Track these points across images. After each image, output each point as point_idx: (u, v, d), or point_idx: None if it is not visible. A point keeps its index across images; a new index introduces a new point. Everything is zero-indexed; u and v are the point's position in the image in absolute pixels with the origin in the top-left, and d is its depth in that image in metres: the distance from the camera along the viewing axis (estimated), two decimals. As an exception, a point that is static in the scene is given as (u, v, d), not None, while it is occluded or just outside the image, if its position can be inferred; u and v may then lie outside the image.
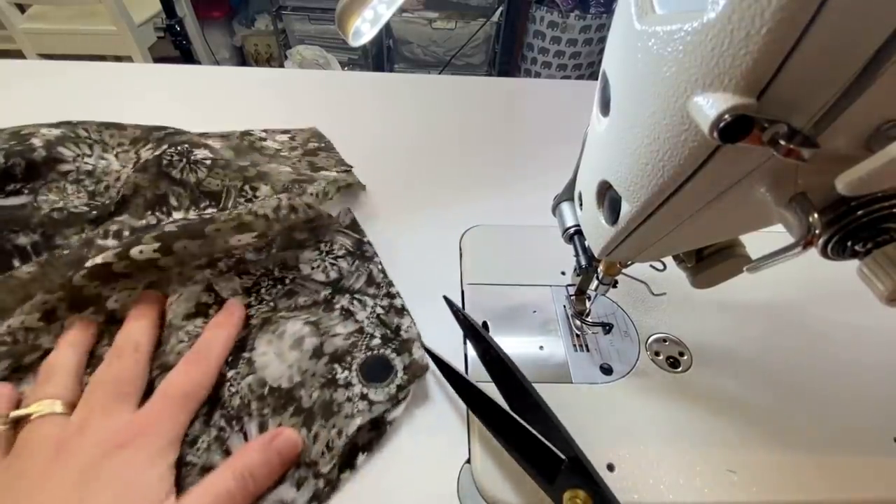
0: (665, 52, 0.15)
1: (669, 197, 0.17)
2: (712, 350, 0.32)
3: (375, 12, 0.28)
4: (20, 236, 0.33)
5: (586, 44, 1.73)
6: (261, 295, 0.32)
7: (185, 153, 0.38)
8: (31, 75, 0.56)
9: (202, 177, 0.38)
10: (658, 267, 0.28)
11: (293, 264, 0.34)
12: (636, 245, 0.22)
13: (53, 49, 1.41)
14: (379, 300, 0.33)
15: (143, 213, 0.36)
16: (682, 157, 0.16)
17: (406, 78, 0.62)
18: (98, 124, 0.42)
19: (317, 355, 0.29)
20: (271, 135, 0.48)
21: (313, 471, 0.25)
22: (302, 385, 0.27)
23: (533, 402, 0.25)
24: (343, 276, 0.34)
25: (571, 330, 0.32)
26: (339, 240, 0.37)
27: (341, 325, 0.31)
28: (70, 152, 0.39)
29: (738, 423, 0.28)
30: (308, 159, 0.46)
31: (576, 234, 0.28)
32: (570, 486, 0.22)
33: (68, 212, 0.36)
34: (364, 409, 0.27)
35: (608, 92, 0.20)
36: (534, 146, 0.51)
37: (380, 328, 0.31)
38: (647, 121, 0.17)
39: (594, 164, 0.22)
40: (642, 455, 0.27)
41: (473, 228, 0.40)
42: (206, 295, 0.31)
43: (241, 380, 0.27)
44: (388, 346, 0.30)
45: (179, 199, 0.37)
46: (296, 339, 0.29)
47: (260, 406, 0.27)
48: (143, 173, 0.37)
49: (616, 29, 0.20)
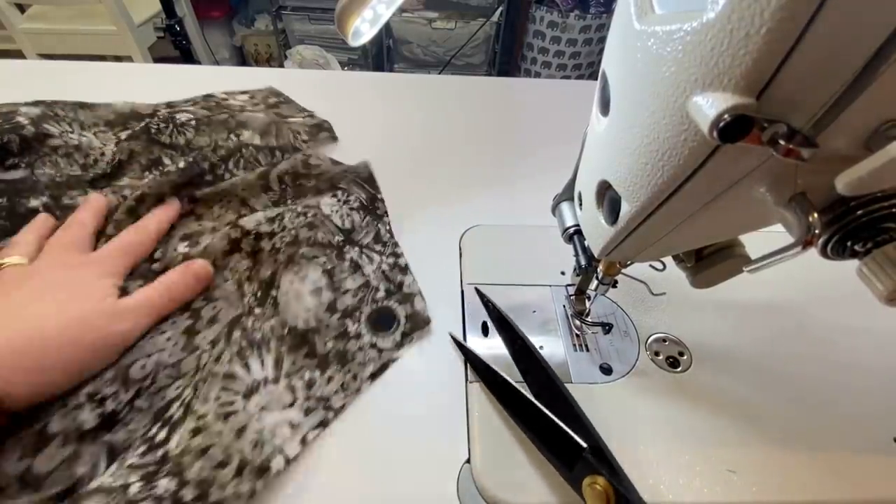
0: (664, 51, 0.15)
1: (669, 197, 0.17)
2: (712, 350, 0.32)
3: (375, 12, 0.28)
4: (31, 199, 0.36)
5: (586, 44, 1.73)
6: (283, 222, 0.35)
7: (169, 119, 0.43)
8: (31, 75, 0.56)
9: (191, 136, 0.43)
10: (657, 267, 0.28)
11: (314, 204, 0.37)
12: (636, 245, 0.22)
13: (53, 49, 1.41)
14: (385, 257, 0.36)
15: (141, 174, 0.40)
16: (681, 156, 0.16)
17: (406, 78, 0.62)
18: (71, 104, 0.45)
19: (331, 310, 0.31)
20: (231, 95, 0.52)
21: (324, 404, 0.28)
22: (317, 331, 0.30)
23: (558, 391, 0.26)
24: (354, 228, 0.37)
25: (571, 330, 0.32)
26: (354, 190, 0.39)
27: (350, 280, 0.33)
28: (55, 129, 0.41)
29: (738, 423, 0.28)
30: (273, 111, 0.49)
31: (575, 233, 0.28)
32: (590, 472, 0.23)
33: (68, 175, 0.39)
34: (374, 356, 0.30)
35: (608, 92, 0.20)
36: (533, 146, 0.51)
37: (384, 282, 0.34)
38: (647, 121, 0.17)
39: (594, 163, 0.22)
40: (642, 455, 0.27)
41: (473, 228, 0.40)
42: (233, 231, 0.34)
43: (265, 321, 0.30)
44: (391, 298, 0.33)
45: (173, 158, 0.41)
46: (315, 288, 0.32)
47: (278, 344, 0.29)
48: (135, 140, 0.41)
49: (615, 29, 0.20)
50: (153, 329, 0.29)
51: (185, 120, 0.43)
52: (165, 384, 0.27)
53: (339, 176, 0.40)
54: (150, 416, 0.26)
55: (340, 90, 0.58)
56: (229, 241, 0.33)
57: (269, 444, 0.25)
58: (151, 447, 0.24)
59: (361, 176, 0.41)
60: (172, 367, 0.28)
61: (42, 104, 0.43)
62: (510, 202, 0.43)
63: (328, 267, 0.33)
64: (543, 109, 0.57)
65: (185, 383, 0.27)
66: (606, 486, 0.23)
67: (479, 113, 0.56)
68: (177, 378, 0.28)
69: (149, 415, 0.26)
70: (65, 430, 0.24)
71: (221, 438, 0.24)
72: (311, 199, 0.37)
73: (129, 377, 0.27)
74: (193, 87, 0.53)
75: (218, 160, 0.40)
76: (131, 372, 0.27)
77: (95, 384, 0.26)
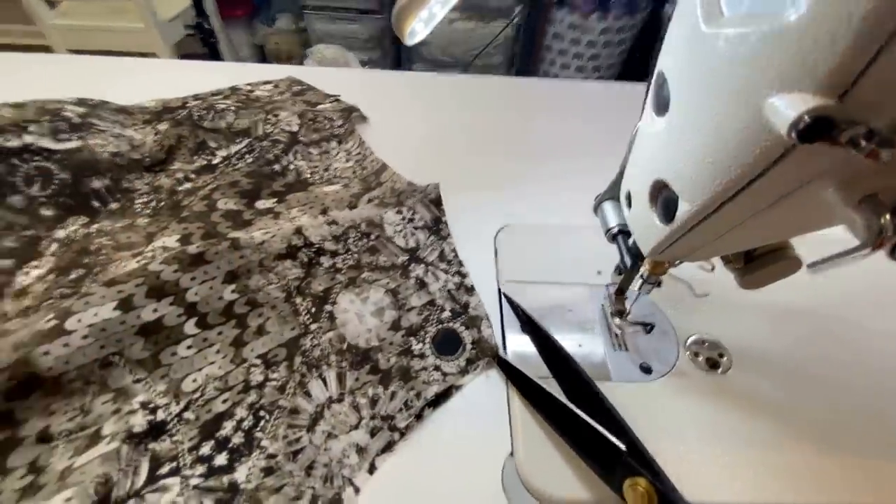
0: (736, 53, 0.16)
1: (733, 196, 0.18)
2: (752, 353, 0.32)
3: (430, 12, 0.28)
4: (94, 180, 0.39)
5: (606, 46, 1.72)
6: (348, 244, 0.35)
7: (210, 107, 0.46)
8: (60, 68, 0.58)
9: (231, 120, 0.46)
10: (706, 267, 0.28)
11: (378, 222, 0.36)
12: (689, 245, 0.22)
13: (81, 45, 1.44)
14: (450, 276, 0.35)
15: (190, 157, 0.43)
16: (752, 156, 0.16)
17: (431, 77, 0.62)
18: (111, 109, 0.46)
19: (395, 328, 0.31)
20: (256, 86, 0.54)
21: (388, 424, 0.28)
22: (379, 350, 0.30)
23: (590, 391, 0.26)
24: (419, 247, 0.37)
25: (609, 329, 0.33)
26: (420, 210, 0.39)
27: (416, 297, 0.33)
28: (100, 123, 0.43)
29: (778, 426, 0.28)
30: (300, 98, 0.52)
31: (619, 233, 0.28)
32: (630, 474, 0.23)
33: (129, 158, 0.41)
34: (438, 378, 0.30)
35: (665, 92, 0.21)
36: (560, 147, 0.51)
37: (450, 302, 0.33)
38: (714, 120, 0.17)
39: (647, 163, 0.22)
40: (684, 455, 0.27)
41: (507, 227, 0.40)
42: (296, 237, 0.33)
43: (322, 334, 0.30)
44: (457, 320, 0.32)
45: (217, 141, 0.44)
46: (378, 308, 0.32)
47: (339, 359, 0.29)
48: (181, 126, 0.44)
49: (677, 30, 0.20)
50: (202, 342, 0.29)
51: (224, 107, 0.47)
52: (212, 396, 0.28)
53: (407, 193, 0.40)
54: (197, 430, 0.26)
55: (366, 88, 0.58)
56: (289, 246, 0.33)
57: (338, 477, 0.26)
58: (212, 470, 0.25)
59: (429, 196, 0.40)
60: (220, 380, 0.28)
61: (85, 104, 0.45)
62: (542, 201, 0.43)
63: (391, 287, 0.33)
64: (576, 111, 0.57)
65: (234, 398, 0.28)
66: (648, 488, 0.23)
67: (507, 112, 0.56)
68: (224, 390, 0.28)
69: (195, 427, 0.27)
70: (115, 433, 0.25)
71: (293, 478, 0.25)
72: (374, 212, 0.37)
73: (181, 390, 0.27)
74: (219, 82, 0.55)
75: (280, 152, 0.42)
76: (183, 386, 0.28)
77: (148, 395, 0.27)
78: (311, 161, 0.44)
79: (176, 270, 0.29)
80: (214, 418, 0.27)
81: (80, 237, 0.36)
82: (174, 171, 0.41)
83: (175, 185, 0.41)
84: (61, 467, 0.24)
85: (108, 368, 0.27)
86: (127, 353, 0.27)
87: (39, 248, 0.35)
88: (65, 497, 0.23)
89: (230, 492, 0.24)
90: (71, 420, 0.25)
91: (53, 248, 0.35)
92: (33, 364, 0.25)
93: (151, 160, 0.42)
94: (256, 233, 0.33)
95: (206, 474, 0.25)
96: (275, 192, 0.40)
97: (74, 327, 0.26)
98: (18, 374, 0.24)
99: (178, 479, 0.24)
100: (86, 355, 0.26)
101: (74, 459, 0.24)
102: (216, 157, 0.44)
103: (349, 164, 0.45)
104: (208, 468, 0.25)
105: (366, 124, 0.51)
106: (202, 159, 0.43)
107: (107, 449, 0.25)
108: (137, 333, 0.27)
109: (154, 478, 0.24)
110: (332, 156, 0.45)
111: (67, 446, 0.25)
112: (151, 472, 0.25)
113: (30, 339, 0.25)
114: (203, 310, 0.29)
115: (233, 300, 0.30)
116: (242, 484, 0.25)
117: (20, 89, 0.44)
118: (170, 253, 0.30)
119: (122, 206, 0.39)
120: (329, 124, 0.48)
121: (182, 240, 0.34)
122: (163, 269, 0.29)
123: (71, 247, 0.35)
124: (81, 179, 0.38)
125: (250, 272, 0.31)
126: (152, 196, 0.40)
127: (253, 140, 0.45)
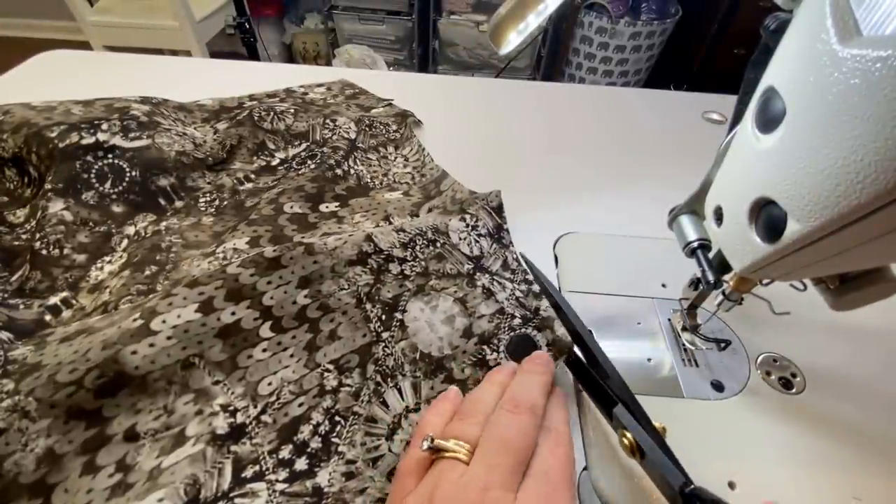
0: (878, 74, 0.15)
1: (860, 219, 0.17)
2: (825, 373, 0.31)
3: (526, 23, 0.28)
4: (160, 178, 0.39)
5: (635, 51, 1.71)
6: (416, 251, 0.34)
7: (270, 108, 0.47)
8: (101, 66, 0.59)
9: (290, 122, 0.47)
10: (799, 287, 0.28)
11: (443, 230, 0.36)
12: (791, 264, 0.22)
13: (118, 42, 1.47)
14: (517, 284, 0.35)
15: (250, 158, 0.44)
16: (884, 183, 0.16)
17: (467, 81, 0.62)
18: (172, 107, 0.47)
19: (466, 335, 0.31)
20: (309, 88, 0.55)
21: None
22: (453, 358, 0.30)
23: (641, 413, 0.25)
24: (483, 255, 0.36)
25: (679, 343, 0.32)
26: (483, 217, 0.38)
27: (484, 305, 0.33)
28: (164, 121, 0.44)
29: (859, 450, 0.28)
30: (353, 102, 0.53)
31: (699, 247, 0.28)
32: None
33: (193, 157, 0.42)
34: None
35: (774, 109, 0.20)
36: (628, 156, 0.50)
37: (519, 309, 0.33)
38: (847, 142, 0.17)
39: (749, 180, 0.22)
40: (761, 475, 0.27)
41: (567, 235, 0.40)
42: (366, 244, 0.33)
43: (394, 343, 0.30)
44: (529, 325, 0.32)
45: (276, 142, 0.46)
46: (448, 316, 0.32)
47: (412, 368, 0.29)
48: (242, 126, 0.45)
49: (795, 46, 0.19)
50: (276, 346, 0.29)
51: (283, 109, 0.47)
52: (288, 400, 0.28)
53: (469, 200, 0.40)
54: (275, 433, 0.27)
55: (402, 90, 0.58)
56: (359, 252, 0.32)
57: None
58: (295, 475, 0.25)
59: (491, 204, 0.40)
60: (294, 384, 0.28)
61: (149, 102, 0.45)
62: (603, 210, 0.43)
63: (459, 295, 0.33)
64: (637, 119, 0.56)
65: (309, 403, 0.28)
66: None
67: (566, 119, 0.56)
68: (298, 395, 0.28)
69: (273, 430, 0.27)
70: (199, 434, 0.26)
71: (374, 483, 0.25)
72: (439, 220, 0.36)
73: (257, 393, 0.28)
74: (253, 82, 0.56)
75: (340, 158, 0.42)
76: (259, 388, 0.28)
77: (227, 397, 0.27)
78: (370, 166, 0.45)
79: (253, 274, 0.29)
80: (291, 422, 0.27)
81: (149, 234, 0.36)
82: (235, 170, 0.41)
83: (236, 184, 0.41)
84: (149, 467, 0.24)
85: (188, 370, 0.27)
86: (206, 355, 0.27)
87: (111, 244, 0.36)
88: (157, 497, 0.23)
89: (315, 496, 0.24)
90: (156, 419, 0.26)
91: (124, 244, 0.36)
92: (122, 362, 0.25)
93: (213, 159, 0.42)
94: (329, 238, 0.32)
95: (290, 479, 0.25)
96: (337, 195, 0.40)
97: (160, 328, 0.26)
98: (108, 372, 0.25)
99: (265, 483, 0.25)
100: (169, 356, 0.26)
101: (162, 459, 0.25)
102: (275, 159, 0.44)
103: (407, 169, 0.45)
104: (290, 472, 0.25)
105: (418, 129, 0.51)
106: (261, 160, 0.44)
107: (193, 450, 0.25)
108: (217, 336, 0.28)
109: (240, 480, 0.25)
110: (391, 161, 0.46)
111: (154, 445, 0.25)
112: (235, 474, 0.25)
113: (118, 337, 0.26)
114: (278, 314, 0.29)
115: (305, 304, 0.30)
116: (326, 488, 0.25)
117: (76, 87, 0.45)
118: (247, 256, 0.30)
119: (186, 204, 0.39)
120: (385, 129, 0.48)
121: (251, 242, 0.34)
122: (240, 272, 0.29)
123: (142, 243, 0.35)
124: (150, 177, 0.39)
125: (322, 277, 0.31)
126: (215, 195, 0.40)
127: (311, 144, 0.45)
